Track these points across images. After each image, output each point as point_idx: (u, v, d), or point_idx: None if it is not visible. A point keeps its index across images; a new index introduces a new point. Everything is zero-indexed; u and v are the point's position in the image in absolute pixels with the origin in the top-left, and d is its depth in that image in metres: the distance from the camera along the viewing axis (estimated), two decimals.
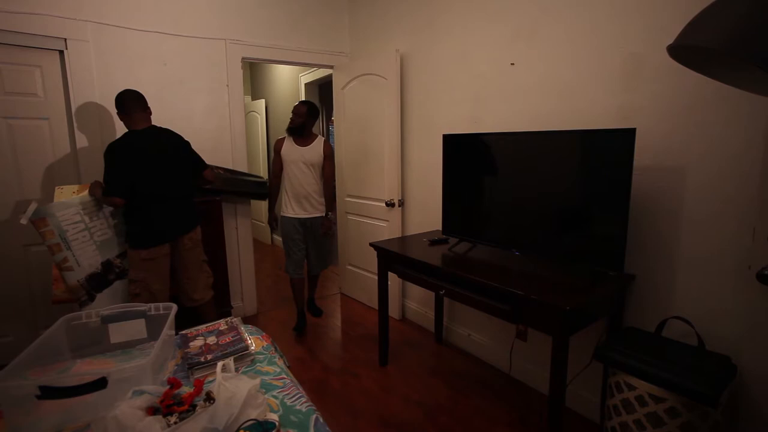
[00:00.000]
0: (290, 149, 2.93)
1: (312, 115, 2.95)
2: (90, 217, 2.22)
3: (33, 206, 2.06)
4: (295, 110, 2.93)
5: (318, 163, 2.96)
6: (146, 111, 2.28)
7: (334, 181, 3.09)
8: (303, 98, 4.60)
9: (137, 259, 2.24)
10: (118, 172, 2.14)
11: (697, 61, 0.98)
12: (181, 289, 2.44)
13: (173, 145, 2.34)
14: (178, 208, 2.35)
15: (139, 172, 2.18)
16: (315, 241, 3.06)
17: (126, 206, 2.21)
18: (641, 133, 1.64)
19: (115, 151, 2.15)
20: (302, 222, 2.98)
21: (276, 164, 3.01)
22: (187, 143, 2.42)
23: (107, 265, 2.30)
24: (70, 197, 2.17)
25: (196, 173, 2.48)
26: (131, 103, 2.21)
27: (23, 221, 2.04)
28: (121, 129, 2.64)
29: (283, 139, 2.99)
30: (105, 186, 2.15)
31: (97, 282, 2.26)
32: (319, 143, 2.96)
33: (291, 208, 2.98)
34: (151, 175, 2.21)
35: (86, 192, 2.21)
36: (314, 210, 3.00)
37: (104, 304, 2.18)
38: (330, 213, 3.07)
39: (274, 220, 3.09)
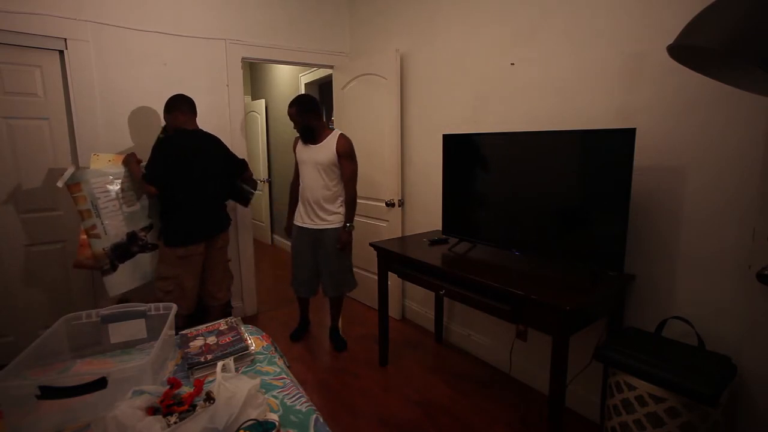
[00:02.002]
0: (301, 149, 2.63)
1: (307, 110, 2.50)
2: (122, 188, 2.29)
3: (70, 170, 2.11)
4: (289, 116, 2.57)
5: (330, 164, 2.51)
6: (194, 114, 2.42)
7: (355, 183, 2.61)
8: None
9: (172, 257, 2.27)
10: (161, 164, 2.23)
11: (697, 61, 0.98)
12: (207, 287, 2.49)
13: (215, 147, 2.46)
14: (215, 208, 2.46)
15: (183, 169, 2.26)
16: (326, 259, 2.63)
17: (165, 203, 2.30)
18: (641, 133, 1.64)
19: (164, 145, 2.27)
20: (310, 233, 2.62)
21: (295, 166, 2.74)
22: (226, 146, 2.55)
23: (132, 236, 2.34)
24: (105, 165, 2.23)
25: (240, 173, 2.62)
26: (181, 103, 2.35)
27: (59, 184, 2.10)
28: (121, 128, 2.66)
29: (298, 138, 2.68)
30: (146, 172, 2.24)
31: (121, 252, 2.30)
32: (332, 140, 2.52)
33: (299, 215, 2.67)
34: (194, 174, 2.29)
35: (120, 162, 2.28)
36: (322, 221, 2.59)
37: (126, 274, 2.31)
38: (348, 224, 2.61)
39: (288, 228, 2.81)
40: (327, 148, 2.52)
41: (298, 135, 2.63)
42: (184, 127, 2.35)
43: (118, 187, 2.27)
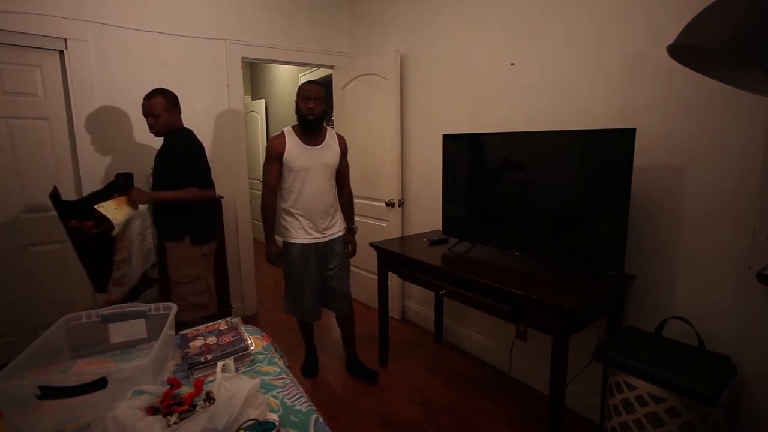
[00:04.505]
0: (299, 151, 2.12)
1: (328, 100, 2.20)
2: (144, 227, 2.18)
3: (125, 213, 1.94)
4: (311, 92, 2.10)
5: (335, 166, 2.25)
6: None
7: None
8: None
9: (198, 256, 2.21)
10: (207, 165, 2.20)
11: (697, 61, 0.98)
12: None
13: None
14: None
15: (208, 165, 2.25)
16: (336, 268, 2.29)
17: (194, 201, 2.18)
18: (641, 133, 1.64)
19: (200, 146, 2.20)
20: (319, 248, 2.23)
21: (272, 173, 2.15)
22: None
23: (144, 276, 2.27)
24: (116, 211, 1.96)
25: None
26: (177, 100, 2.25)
27: (118, 230, 1.95)
28: (121, 128, 2.66)
29: (282, 137, 2.14)
30: (204, 180, 2.17)
31: (134, 295, 2.21)
32: (333, 138, 2.25)
33: (304, 231, 2.19)
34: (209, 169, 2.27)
35: (127, 204, 2.03)
36: (331, 231, 2.26)
37: None
38: (355, 226, 2.44)
39: (277, 253, 2.24)
40: (331, 149, 2.23)
41: (278, 135, 2.17)
42: (180, 125, 2.24)
43: (143, 227, 2.15)
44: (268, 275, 4.34)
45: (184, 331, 1.56)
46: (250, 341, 1.47)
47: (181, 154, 2.14)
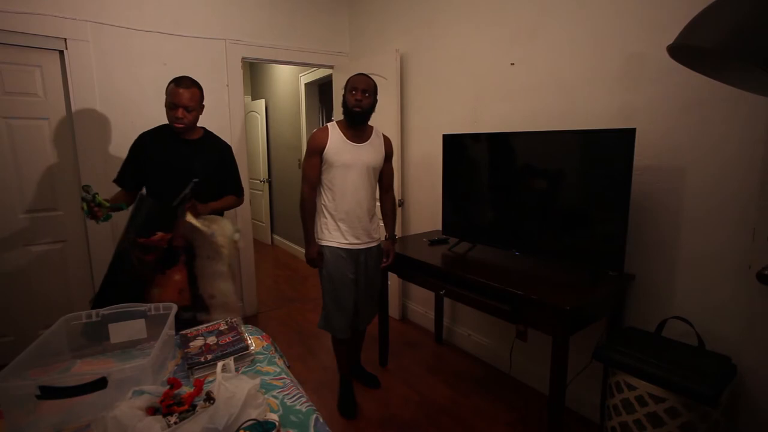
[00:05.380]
0: (343, 147, 1.97)
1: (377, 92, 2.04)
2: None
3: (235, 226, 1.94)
4: (359, 83, 1.95)
5: (379, 167, 2.09)
6: None
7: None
8: (303, 98, 4.56)
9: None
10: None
11: (697, 61, 0.98)
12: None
13: None
14: None
15: None
16: (368, 281, 2.16)
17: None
18: (641, 132, 1.64)
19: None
20: (356, 255, 2.08)
21: (313, 168, 2.00)
22: None
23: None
24: (196, 220, 1.85)
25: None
26: None
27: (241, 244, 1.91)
28: (121, 128, 2.65)
29: (325, 130, 2.00)
30: (240, 188, 2.17)
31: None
32: (378, 138, 2.09)
33: (341, 235, 2.03)
34: None
35: (191, 215, 1.86)
36: (371, 238, 2.12)
37: None
38: (396, 234, 2.30)
39: (318, 253, 2.05)
40: (377, 148, 2.07)
41: (322, 128, 2.02)
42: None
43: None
44: (268, 275, 4.34)
45: (184, 331, 1.56)
46: (250, 341, 1.47)
47: (231, 159, 2.10)
